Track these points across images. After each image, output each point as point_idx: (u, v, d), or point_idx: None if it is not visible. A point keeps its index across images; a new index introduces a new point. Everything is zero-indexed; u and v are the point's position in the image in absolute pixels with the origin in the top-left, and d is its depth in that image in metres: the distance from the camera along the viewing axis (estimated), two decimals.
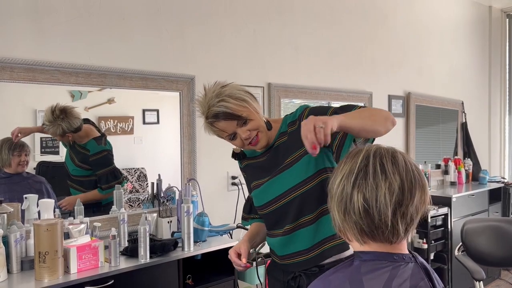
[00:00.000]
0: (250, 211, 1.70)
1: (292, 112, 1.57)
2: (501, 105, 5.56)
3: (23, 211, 2.04)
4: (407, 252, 0.94)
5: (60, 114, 2.22)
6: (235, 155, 1.65)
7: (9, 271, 1.81)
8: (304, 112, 1.49)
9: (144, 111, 2.57)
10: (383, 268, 0.88)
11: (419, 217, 0.91)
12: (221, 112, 1.39)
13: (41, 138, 2.23)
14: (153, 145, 2.65)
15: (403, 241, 0.92)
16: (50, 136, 2.26)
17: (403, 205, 0.87)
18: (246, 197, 1.75)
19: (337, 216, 0.93)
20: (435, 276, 0.96)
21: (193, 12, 2.69)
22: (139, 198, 2.58)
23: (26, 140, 2.17)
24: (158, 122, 2.63)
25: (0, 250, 1.72)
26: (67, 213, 2.25)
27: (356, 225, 0.90)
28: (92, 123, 2.39)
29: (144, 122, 2.57)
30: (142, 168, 2.62)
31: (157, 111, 2.62)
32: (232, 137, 1.46)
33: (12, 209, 1.92)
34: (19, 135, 2.11)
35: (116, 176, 2.45)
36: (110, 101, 2.42)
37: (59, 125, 2.22)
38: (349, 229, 0.92)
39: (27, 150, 2.18)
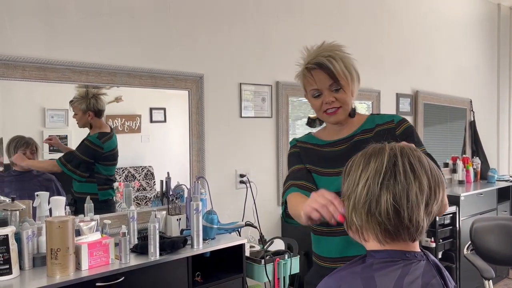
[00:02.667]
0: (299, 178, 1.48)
1: (379, 114, 1.55)
2: (510, 103, 5.52)
3: (34, 208, 2.06)
4: (419, 250, 0.94)
5: (93, 95, 2.32)
6: (310, 122, 1.61)
7: (21, 267, 1.83)
8: (403, 124, 1.43)
9: (151, 109, 2.58)
10: (395, 265, 0.89)
11: (436, 216, 0.93)
12: (326, 66, 1.37)
13: (50, 136, 2.25)
14: (160, 143, 2.66)
15: (418, 239, 0.93)
16: (58, 134, 2.27)
17: (430, 204, 0.89)
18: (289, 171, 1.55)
19: (357, 217, 0.91)
20: (446, 274, 0.96)
21: (203, 11, 2.70)
22: (146, 196, 2.59)
23: (34, 137, 2.18)
24: (165, 121, 2.64)
25: (12, 247, 1.74)
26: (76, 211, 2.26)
27: (380, 226, 0.89)
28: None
29: (151, 121, 2.59)
30: (150, 166, 2.64)
31: (164, 109, 2.63)
32: (316, 94, 1.42)
33: (24, 206, 1.93)
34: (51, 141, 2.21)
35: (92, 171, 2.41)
36: (117, 99, 2.43)
37: (89, 99, 2.30)
38: (370, 229, 0.91)
39: (33, 148, 2.18)
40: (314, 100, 1.45)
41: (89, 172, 2.39)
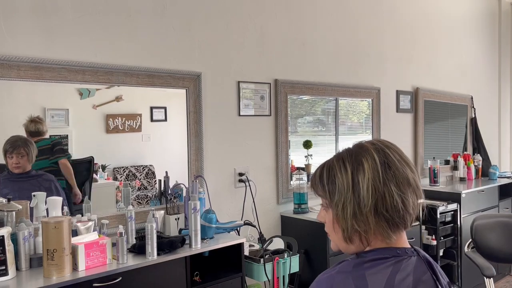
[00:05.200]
0: None
1: None
2: (511, 100, 5.50)
3: (31, 209, 2.05)
4: (409, 246, 0.93)
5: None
6: None
7: (18, 268, 1.81)
8: None
9: (152, 108, 2.57)
10: (386, 263, 0.87)
11: None
12: None
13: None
14: (161, 142, 2.65)
15: (404, 233, 0.93)
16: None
17: (420, 188, 0.93)
18: None
19: (360, 223, 0.88)
20: (439, 269, 0.95)
21: (200, 9, 2.68)
22: (147, 195, 2.58)
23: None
24: (166, 120, 2.63)
25: (8, 247, 1.73)
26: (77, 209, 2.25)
27: (388, 222, 0.88)
28: None
29: (152, 120, 2.58)
30: (150, 165, 2.63)
31: (165, 108, 2.62)
32: None
33: (21, 207, 1.92)
34: None
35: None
36: (118, 98, 2.42)
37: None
38: (379, 228, 0.89)
39: (23, 152, 2.11)
40: None
41: None
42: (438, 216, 3.62)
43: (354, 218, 0.88)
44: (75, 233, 1.96)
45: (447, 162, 4.62)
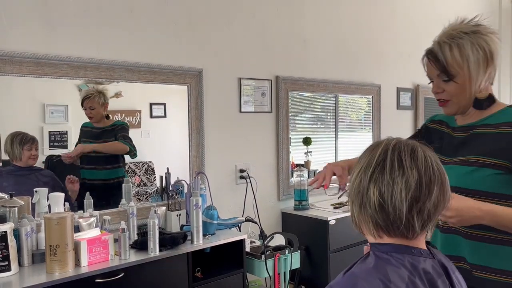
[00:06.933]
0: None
1: None
2: (511, 99, 5.50)
3: (33, 205, 2.05)
4: (424, 247, 0.92)
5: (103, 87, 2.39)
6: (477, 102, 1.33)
7: (20, 264, 1.82)
8: None
9: (151, 104, 2.57)
10: (402, 261, 0.86)
11: (437, 214, 0.89)
12: (433, 55, 1.29)
13: (49, 132, 2.24)
14: (160, 138, 2.65)
15: (419, 237, 0.90)
16: (58, 130, 2.26)
17: (420, 201, 0.85)
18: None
19: (354, 208, 0.92)
20: (455, 275, 0.93)
21: (201, 5, 2.68)
22: (146, 192, 2.58)
23: (34, 133, 2.17)
24: (165, 116, 2.63)
25: (11, 243, 1.73)
26: (77, 205, 2.25)
27: (372, 219, 0.88)
28: None
29: (151, 116, 2.58)
30: (150, 161, 2.63)
31: (164, 105, 2.62)
32: (429, 81, 1.37)
33: (23, 203, 1.93)
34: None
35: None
36: (117, 95, 2.42)
37: (103, 93, 2.38)
38: (364, 222, 0.90)
39: (37, 144, 2.19)
40: (432, 85, 1.36)
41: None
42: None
43: (352, 202, 0.93)
44: (77, 229, 1.96)
45: None
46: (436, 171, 0.88)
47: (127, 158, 2.52)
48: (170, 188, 2.44)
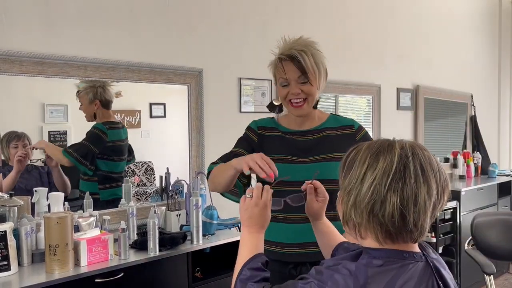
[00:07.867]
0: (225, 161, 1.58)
1: (339, 115, 1.70)
2: (511, 98, 5.50)
3: (33, 204, 2.05)
4: (418, 250, 0.91)
5: (101, 85, 2.32)
6: (273, 107, 1.67)
7: (20, 263, 1.82)
8: (361, 131, 1.60)
9: (151, 104, 2.57)
10: (391, 265, 0.86)
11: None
12: (297, 59, 1.49)
13: (49, 132, 2.24)
14: (160, 138, 2.65)
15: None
16: (58, 130, 2.26)
17: (436, 209, 0.88)
18: (231, 153, 1.72)
19: (356, 214, 0.88)
20: (448, 276, 0.93)
21: (202, 5, 2.68)
22: (146, 192, 2.58)
23: (34, 133, 2.17)
24: (165, 116, 2.63)
25: (10, 243, 1.73)
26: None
27: (382, 227, 0.86)
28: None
29: (151, 116, 2.58)
30: (149, 161, 2.63)
31: (164, 105, 2.62)
32: (284, 84, 1.52)
33: (22, 202, 1.92)
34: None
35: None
36: (117, 94, 2.42)
37: (96, 89, 2.30)
38: (371, 228, 0.88)
39: (26, 141, 2.12)
40: (282, 89, 1.55)
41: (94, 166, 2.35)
42: (438, 214, 3.62)
43: (353, 207, 0.89)
44: (76, 228, 1.96)
45: (446, 159, 4.63)
46: (447, 179, 0.90)
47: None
48: (170, 188, 2.44)
